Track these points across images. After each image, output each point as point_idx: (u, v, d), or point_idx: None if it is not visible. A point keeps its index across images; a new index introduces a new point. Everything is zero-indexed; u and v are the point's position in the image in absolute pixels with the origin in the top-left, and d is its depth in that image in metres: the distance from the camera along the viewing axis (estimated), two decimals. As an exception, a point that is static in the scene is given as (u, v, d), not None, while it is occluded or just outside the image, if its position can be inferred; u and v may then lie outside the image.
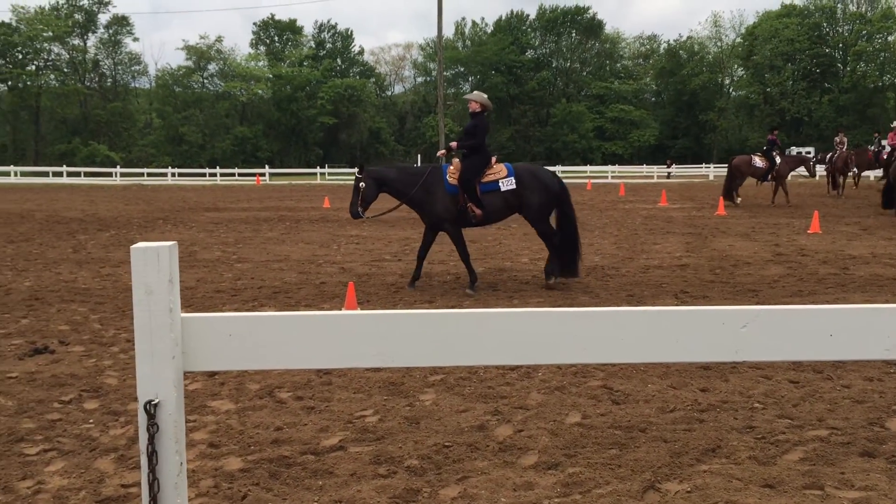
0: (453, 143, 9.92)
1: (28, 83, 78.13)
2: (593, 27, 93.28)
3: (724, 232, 16.18)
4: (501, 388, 5.47)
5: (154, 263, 1.89)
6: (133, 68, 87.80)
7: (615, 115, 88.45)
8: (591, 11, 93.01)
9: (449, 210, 9.61)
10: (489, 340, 2.02)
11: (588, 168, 59.67)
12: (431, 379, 5.72)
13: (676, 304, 8.49)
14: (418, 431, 4.62)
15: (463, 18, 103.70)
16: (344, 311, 2.01)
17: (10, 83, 78.24)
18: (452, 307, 8.58)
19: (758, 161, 23.68)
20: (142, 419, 1.90)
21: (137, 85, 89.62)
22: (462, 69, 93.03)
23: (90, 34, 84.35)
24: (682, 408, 5.00)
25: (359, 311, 1.99)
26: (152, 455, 1.88)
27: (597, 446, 4.34)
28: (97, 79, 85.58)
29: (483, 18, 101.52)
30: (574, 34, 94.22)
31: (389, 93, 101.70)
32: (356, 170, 9.99)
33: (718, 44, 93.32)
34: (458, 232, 9.77)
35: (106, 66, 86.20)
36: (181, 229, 18.01)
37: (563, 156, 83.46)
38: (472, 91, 8.93)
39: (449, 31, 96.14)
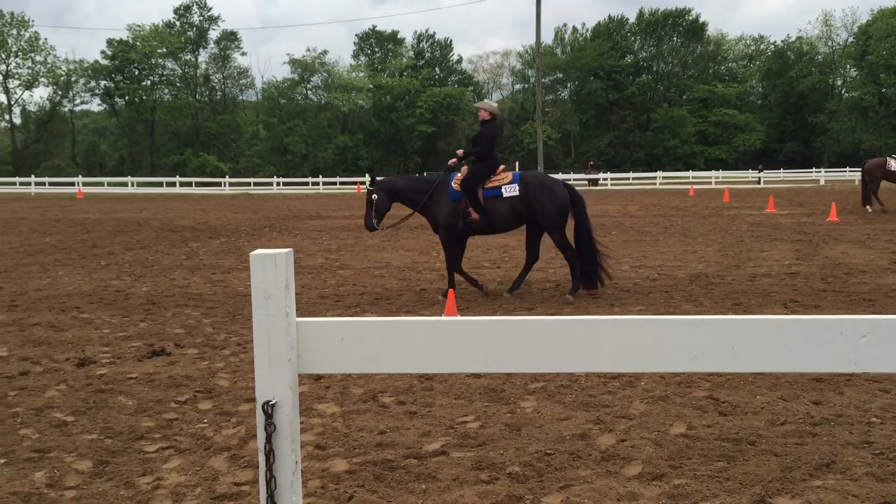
0: (460, 152, 10.05)
1: (144, 98, 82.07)
2: (696, 29, 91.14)
3: (836, 239, 15.52)
4: (603, 397, 5.42)
5: (272, 269, 1.97)
6: (241, 82, 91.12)
7: (719, 119, 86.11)
8: (693, 13, 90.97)
9: (448, 217, 9.79)
10: (596, 348, 2.02)
11: (690, 174, 58.21)
12: (532, 386, 5.71)
13: (786, 314, 8.20)
14: (520, 438, 4.62)
15: (564, 24, 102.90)
16: (451, 318, 2.05)
17: (127, 98, 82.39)
18: (552, 314, 8.54)
19: (893, 164, 22.49)
20: (260, 419, 1.98)
21: (245, 98, 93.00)
22: (560, 75, 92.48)
23: (201, 50, 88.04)
24: (793, 420, 4.83)
25: (467, 318, 2.02)
26: (269, 454, 1.96)
27: (703, 458, 4.24)
28: (207, 92, 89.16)
29: (584, 24, 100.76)
30: (676, 37, 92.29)
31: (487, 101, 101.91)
32: (367, 182, 10.14)
33: (829, 44, 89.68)
34: (450, 240, 9.91)
35: (216, 80, 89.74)
36: (286, 237, 18.55)
37: (664, 161, 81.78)
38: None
39: (548, 38, 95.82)
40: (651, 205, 29.76)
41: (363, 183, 54.79)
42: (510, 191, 9.64)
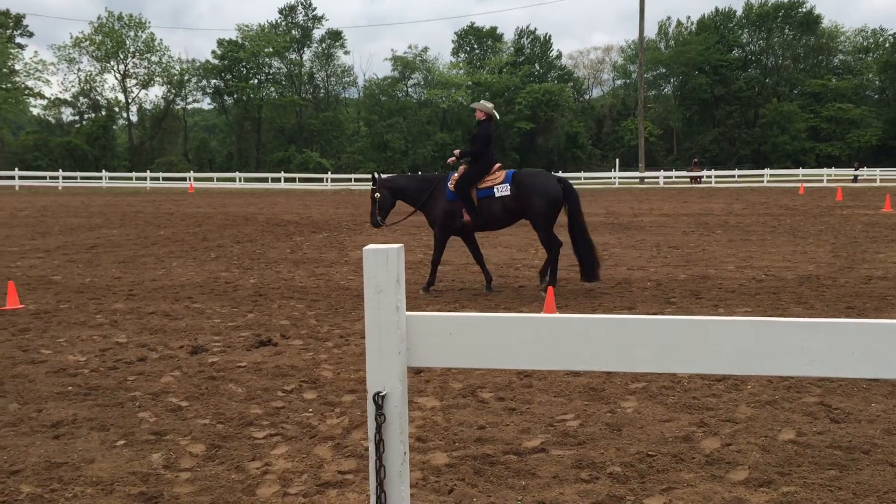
0: (457, 151, 10.36)
1: (251, 96, 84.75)
2: (809, 22, 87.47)
3: (960, 241, 14.66)
4: (707, 400, 5.29)
5: (384, 264, 2.03)
6: (343, 79, 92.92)
7: (831, 114, 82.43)
8: (807, 5, 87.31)
9: (444, 216, 10.04)
10: (708, 349, 1.99)
11: (800, 171, 55.97)
12: (633, 386, 5.64)
13: (904, 319, 7.81)
14: (620, 438, 4.58)
15: (668, 18, 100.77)
16: (560, 315, 2.05)
17: (235, 96, 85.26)
18: (654, 314, 8.40)
19: None
20: (370, 410, 2.04)
21: (347, 95, 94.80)
22: (664, 70, 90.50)
23: (306, 49, 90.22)
24: (911, 431, 4.61)
25: (576, 315, 2.02)
26: (379, 443, 2.01)
27: (814, 466, 4.10)
28: (311, 90, 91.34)
29: (689, 17, 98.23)
30: (787, 29, 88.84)
31: (587, 97, 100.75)
32: (371, 181, 10.44)
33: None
34: (444, 238, 10.19)
35: (319, 78, 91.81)
36: (386, 232, 18.83)
37: (773, 158, 78.93)
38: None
39: (651, 32, 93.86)
40: (757, 203, 28.80)
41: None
42: (502, 190, 9.80)
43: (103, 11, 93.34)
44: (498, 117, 10.46)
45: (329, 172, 62.79)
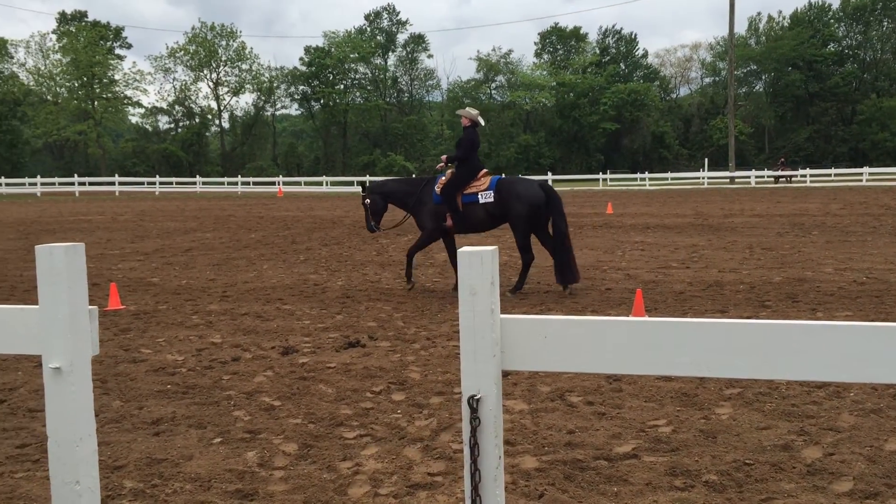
0: (444, 157, 10.71)
1: (337, 101, 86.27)
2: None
3: None
4: (807, 407, 5.10)
5: (478, 266, 2.02)
6: (427, 83, 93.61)
7: (936, 110, 78.52)
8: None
9: (431, 219, 10.37)
10: (812, 354, 1.91)
11: (903, 169, 53.43)
12: (727, 392, 5.48)
13: None
14: (715, 446, 4.45)
15: (758, 13, 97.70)
16: (660, 319, 2.00)
17: (322, 101, 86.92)
18: (747, 318, 8.14)
19: None
20: (465, 413, 2.03)
21: (430, 98, 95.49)
22: (755, 67, 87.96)
23: (390, 53, 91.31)
24: None
25: (676, 320, 1.97)
26: (474, 447, 2.00)
27: (924, 479, 3.89)
28: (395, 94, 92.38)
29: (780, 12, 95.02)
30: (886, 22, 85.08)
31: (674, 95, 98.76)
32: (360, 189, 10.80)
33: None
34: (429, 238, 10.52)
35: (403, 83, 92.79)
36: (470, 234, 18.83)
37: (872, 156, 75.69)
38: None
39: (742, 28, 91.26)
40: (856, 203, 27.64)
41: (546, 181, 54.78)
42: (486, 197, 10.11)
43: (198, 22, 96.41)
44: (483, 123, 10.73)
45: (413, 175, 63.33)
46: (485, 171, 10.40)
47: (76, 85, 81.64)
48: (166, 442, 4.75)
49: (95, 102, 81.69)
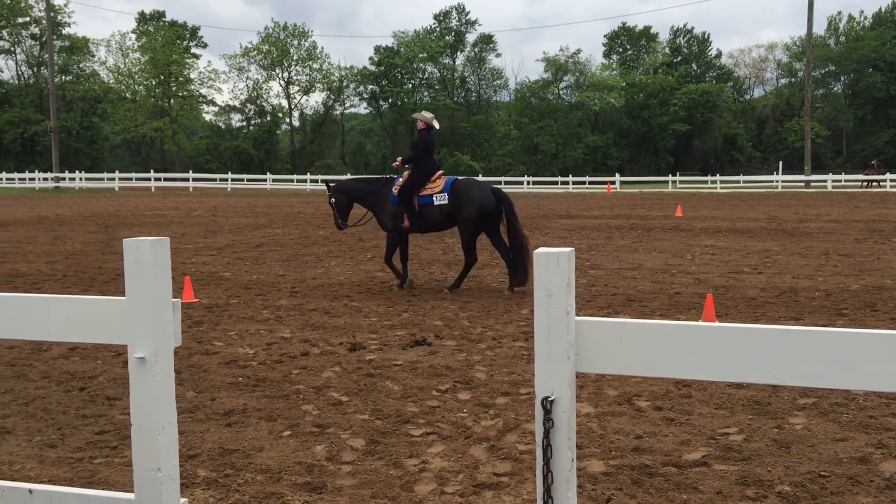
0: (399, 158, 11.08)
1: (405, 100, 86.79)
2: None
3: None
4: (886, 419, 4.93)
5: (554, 267, 2.01)
6: (495, 83, 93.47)
7: None
8: None
9: (391, 219, 10.76)
10: (893, 364, 1.84)
11: None
12: (802, 402, 5.34)
13: None
14: (789, 456, 4.34)
15: (838, 13, 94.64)
16: (742, 325, 1.96)
17: (390, 101, 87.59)
18: (822, 325, 7.92)
19: None
20: (538, 414, 2.03)
21: (498, 98, 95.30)
22: (833, 67, 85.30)
23: (459, 53, 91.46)
24: None
25: (755, 325, 1.93)
26: (547, 448, 2.00)
27: None
28: (463, 94, 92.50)
29: (862, 12, 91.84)
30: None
31: (748, 96, 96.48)
32: (326, 188, 11.42)
33: None
34: (395, 238, 10.86)
35: (471, 82, 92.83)
36: (537, 235, 18.78)
37: (957, 161, 72.66)
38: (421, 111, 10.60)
39: (820, 28, 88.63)
40: (940, 209, 26.58)
41: (613, 183, 54.15)
42: (440, 199, 10.46)
43: (271, 22, 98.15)
44: (437, 127, 11.03)
45: (480, 175, 63.33)
46: (440, 172, 10.73)
47: (153, 83, 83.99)
48: (238, 433, 4.86)
49: (171, 100, 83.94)
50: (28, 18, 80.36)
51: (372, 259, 14.02)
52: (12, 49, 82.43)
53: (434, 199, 10.47)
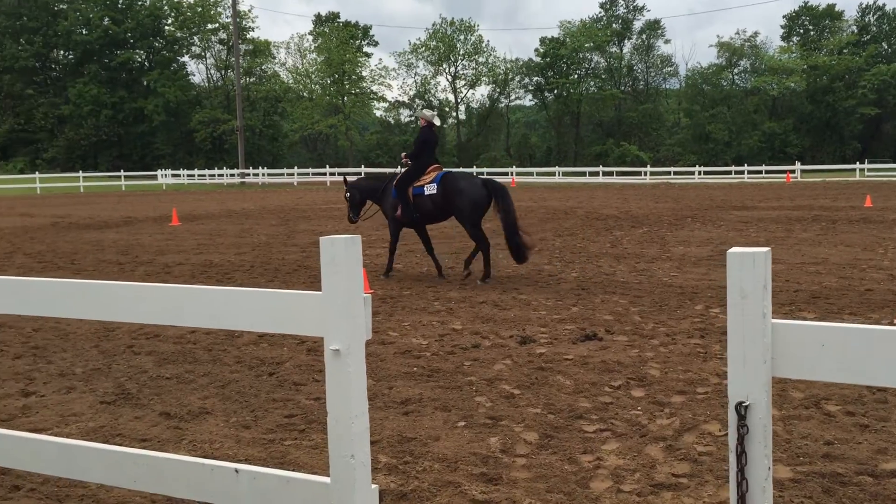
0: (403, 154, 11.80)
1: (571, 91, 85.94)
2: None
3: None
4: None
5: (749, 268, 1.94)
6: (664, 70, 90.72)
7: None
8: None
9: (392, 211, 11.41)
10: None
11: None
12: None
13: None
14: None
15: None
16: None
17: (555, 92, 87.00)
18: None
19: None
20: (732, 419, 1.97)
21: (667, 86, 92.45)
22: None
23: (626, 41, 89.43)
24: None
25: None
26: (741, 455, 1.94)
27: None
28: (630, 83, 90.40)
29: None
30: None
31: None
32: (343, 183, 12.44)
33: None
34: (395, 230, 11.57)
35: (638, 70, 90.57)
36: (709, 227, 18.09)
37: None
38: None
39: None
40: None
41: (792, 172, 51.19)
42: (430, 189, 11.02)
43: (439, 18, 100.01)
44: (438, 124, 11.72)
45: (647, 165, 61.68)
46: (435, 166, 11.25)
47: (328, 82, 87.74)
48: (415, 422, 5.02)
49: (345, 98, 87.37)
50: (217, 25, 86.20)
51: (539, 252, 14.00)
52: (203, 54, 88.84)
53: (425, 189, 11.08)
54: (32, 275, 12.07)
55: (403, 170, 11.69)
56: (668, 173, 58.11)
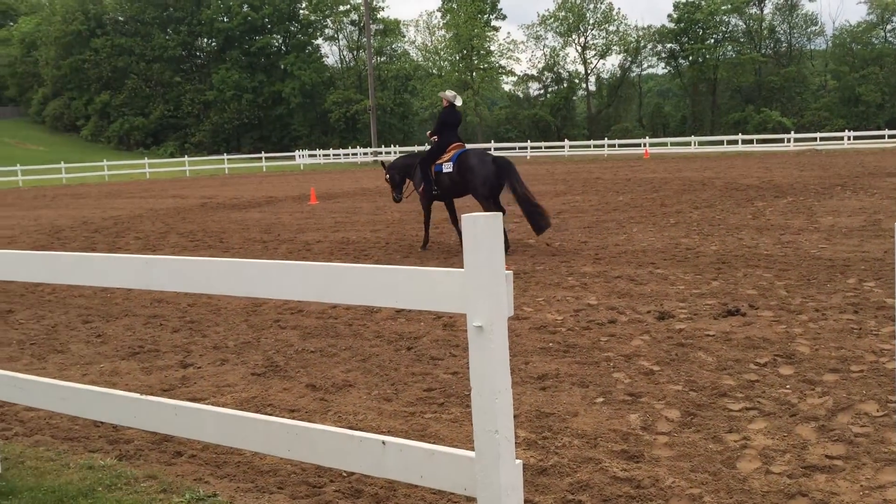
0: (429, 133, 12.25)
1: (707, 57, 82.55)
2: None
3: None
4: None
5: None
6: (808, 30, 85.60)
7: None
8: None
9: (418, 187, 12.08)
10: None
11: None
12: None
13: None
14: None
15: None
16: None
17: (690, 59, 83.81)
18: None
19: None
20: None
21: (812, 47, 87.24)
22: None
23: (767, 2, 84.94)
24: None
25: None
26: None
27: None
28: (772, 45, 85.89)
29: None
30: None
31: None
32: (382, 167, 13.36)
33: None
34: (427, 206, 12.15)
35: (781, 32, 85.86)
36: (861, 196, 17.04)
37: None
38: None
39: None
40: None
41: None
42: (447, 167, 11.56)
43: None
44: (459, 103, 11.96)
45: (791, 132, 58.54)
46: (455, 144, 11.69)
47: (457, 58, 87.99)
48: (552, 397, 5.02)
49: (474, 73, 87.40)
50: (348, 6, 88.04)
51: (676, 225, 13.63)
52: (335, 36, 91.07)
53: (443, 167, 11.63)
54: (185, 253, 12.83)
55: (428, 148, 12.30)
56: (815, 139, 54.90)
